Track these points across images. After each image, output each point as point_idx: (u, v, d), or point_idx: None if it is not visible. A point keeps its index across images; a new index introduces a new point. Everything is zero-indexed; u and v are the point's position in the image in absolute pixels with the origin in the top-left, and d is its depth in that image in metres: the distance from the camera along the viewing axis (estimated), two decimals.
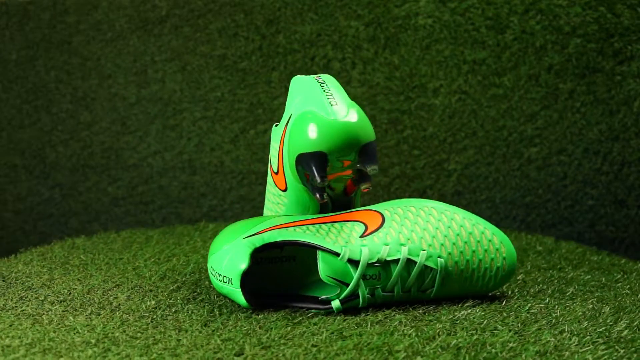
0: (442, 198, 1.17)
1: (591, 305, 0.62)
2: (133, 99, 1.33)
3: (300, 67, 1.22)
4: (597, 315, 0.59)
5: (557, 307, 0.61)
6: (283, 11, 1.23)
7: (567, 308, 0.61)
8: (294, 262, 0.66)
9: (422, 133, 1.18)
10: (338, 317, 0.59)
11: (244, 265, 0.59)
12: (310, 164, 0.58)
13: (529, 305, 0.62)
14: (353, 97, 1.20)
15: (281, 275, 0.65)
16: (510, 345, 0.51)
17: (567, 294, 0.66)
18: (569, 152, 1.11)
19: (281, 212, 0.67)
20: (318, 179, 0.57)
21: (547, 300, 0.64)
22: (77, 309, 0.61)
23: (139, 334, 0.55)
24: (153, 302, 0.63)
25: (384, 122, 1.19)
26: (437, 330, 0.54)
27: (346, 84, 1.20)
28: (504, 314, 0.59)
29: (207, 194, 1.31)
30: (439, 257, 0.60)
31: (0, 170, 1.43)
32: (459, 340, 0.52)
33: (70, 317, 0.59)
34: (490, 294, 0.65)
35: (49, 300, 0.64)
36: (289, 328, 0.56)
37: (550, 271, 0.77)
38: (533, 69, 1.11)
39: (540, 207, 1.13)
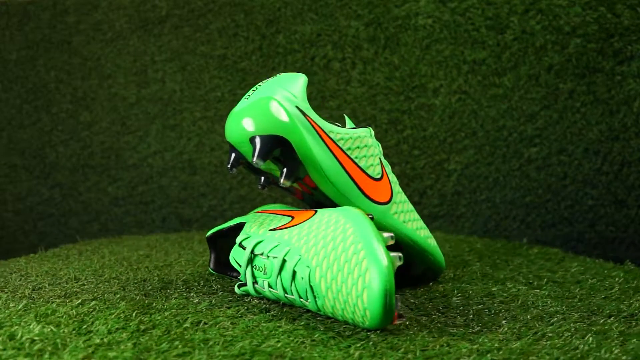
0: (442, 198, 1.17)
1: None
2: (133, 99, 1.33)
3: (300, 67, 1.22)
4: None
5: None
6: (283, 11, 1.23)
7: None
8: None
9: (422, 133, 1.18)
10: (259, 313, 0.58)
11: (209, 233, 0.69)
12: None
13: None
14: (353, 97, 1.20)
15: None
16: None
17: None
18: (569, 152, 1.11)
19: None
20: (227, 166, 0.62)
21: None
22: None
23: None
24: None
25: (384, 122, 1.19)
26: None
27: (346, 84, 1.20)
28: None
29: (207, 194, 1.31)
30: (308, 266, 0.55)
31: (0, 170, 1.43)
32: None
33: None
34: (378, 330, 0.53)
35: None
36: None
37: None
38: (533, 69, 1.11)
39: (540, 207, 1.13)
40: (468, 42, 1.14)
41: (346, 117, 0.66)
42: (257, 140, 0.58)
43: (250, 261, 0.61)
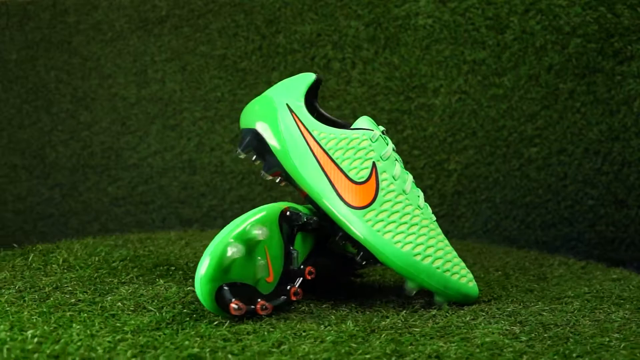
0: (442, 198, 1.17)
1: None
2: (133, 99, 1.33)
3: (300, 67, 1.22)
4: None
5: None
6: (283, 11, 1.23)
7: None
8: None
9: (422, 133, 1.18)
10: None
11: None
12: None
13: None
14: (353, 97, 1.20)
15: None
16: None
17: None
18: (569, 152, 1.11)
19: None
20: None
21: None
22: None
23: None
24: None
25: (384, 122, 1.19)
26: None
27: (346, 84, 1.20)
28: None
29: (207, 194, 1.31)
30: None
31: (0, 170, 1.43)
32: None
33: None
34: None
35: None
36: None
37: None
38: (533, 69, 1.11)
39: (540, 207, 1.13)
40: (468, 42, 1.14)
41: (364, 118, 0.65)
42: (242, 132, 0.65)
43: None
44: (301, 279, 0.58)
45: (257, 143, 0.64)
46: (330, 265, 0.66)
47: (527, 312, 0.58)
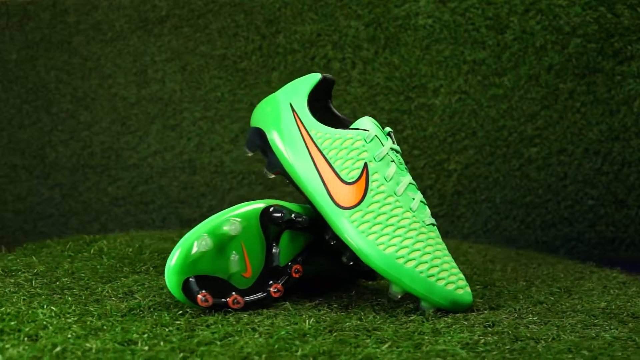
0: (442, 198, 1.17)
1: None
2: (133, 99, 1.33)
3: (300, 67, 1.22)
4: None
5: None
6: (283, 11, 1.23)
7: None
8: None
9: (422, 133, 1.18)
10: None
11: None
12: None
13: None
14: (353, 97, 1.20)
15: None
16: None
17: None
18: (569, 152, 1.11)
19: None
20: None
21: None
22: None
23: None
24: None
25: (384, 122, 1.19)
26: None
27: (346, 84, 1.20)
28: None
29: (207, 194, 1.31)
30: None
31: (0, 170, 1.43)
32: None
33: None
34: None
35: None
36: None
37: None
38: (533, 69, 1.11)
39: (540, 207, 1.13)
40: (468, 42, 1.14)
41: (365, 119, 0.64)
42: (249, 131, 0.67)
43: None
44: (287, 277, 0.58)
45: (261, 142, 0.65)
46: (325, 265, 0.65)
47: (512, 324, 0.54)
